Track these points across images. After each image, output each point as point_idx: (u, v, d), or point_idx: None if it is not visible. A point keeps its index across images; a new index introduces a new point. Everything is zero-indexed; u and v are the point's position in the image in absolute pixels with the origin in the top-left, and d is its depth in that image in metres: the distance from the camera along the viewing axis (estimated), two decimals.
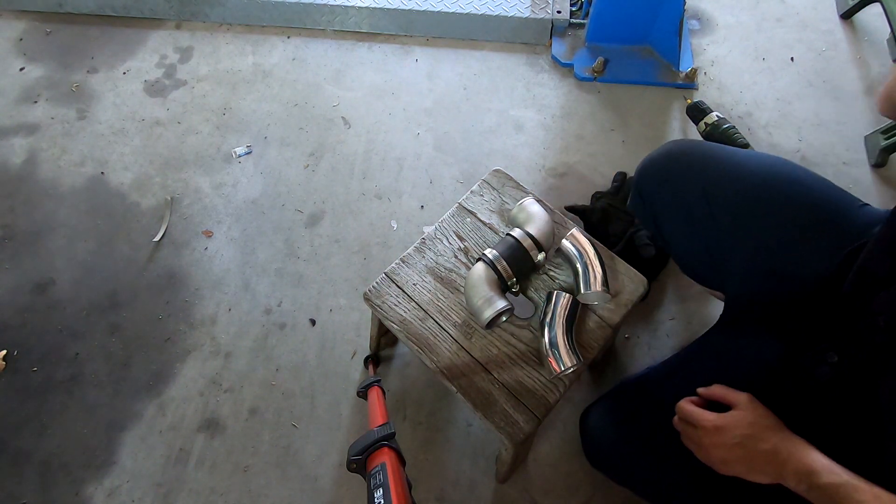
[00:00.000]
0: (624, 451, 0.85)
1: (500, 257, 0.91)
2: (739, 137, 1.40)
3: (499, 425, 0.86)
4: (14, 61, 1.65)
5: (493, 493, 1.09)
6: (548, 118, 1.57)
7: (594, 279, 0.90)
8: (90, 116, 1.56)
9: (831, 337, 0.73)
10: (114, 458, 1.13)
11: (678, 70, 1.61)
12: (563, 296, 0.90)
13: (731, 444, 0.69)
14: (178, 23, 1.74)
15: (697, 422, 0.72)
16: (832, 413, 0.71)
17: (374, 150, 1.51)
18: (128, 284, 1.31)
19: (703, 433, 0.71)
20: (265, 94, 1.60)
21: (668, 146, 0.94)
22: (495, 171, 1.08)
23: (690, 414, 0.74)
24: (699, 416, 0.72)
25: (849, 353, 0.70)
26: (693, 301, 1.29)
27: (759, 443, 0.67)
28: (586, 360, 0.90)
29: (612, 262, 0.99)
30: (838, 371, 0.71)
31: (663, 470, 0.81)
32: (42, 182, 1.45)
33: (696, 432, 0.72)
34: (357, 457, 0.72)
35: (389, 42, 1.71)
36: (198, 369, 1.22)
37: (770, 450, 0.66)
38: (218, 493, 1.09)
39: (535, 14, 1.66)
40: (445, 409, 1.17)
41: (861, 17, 1.74)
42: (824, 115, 1.56)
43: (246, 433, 1.15)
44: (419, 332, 0.93)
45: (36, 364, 1.22)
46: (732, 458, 0.69)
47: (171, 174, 1.47)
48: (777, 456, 0.66)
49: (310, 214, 1.41)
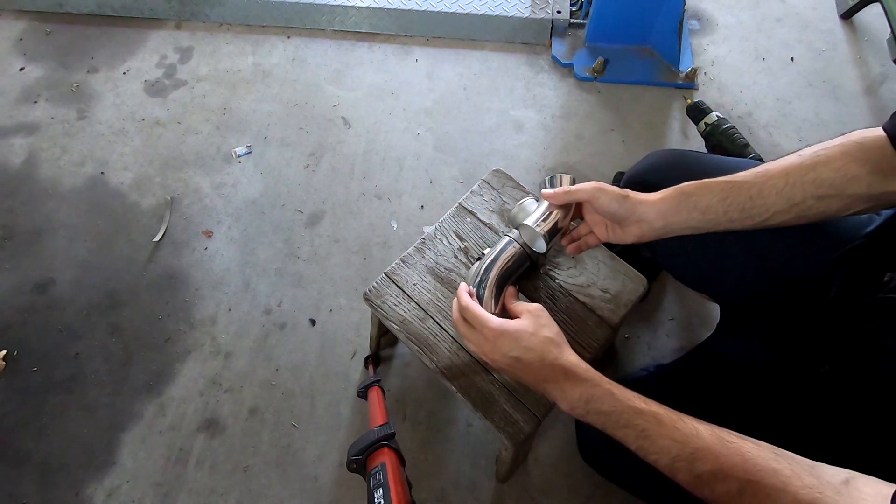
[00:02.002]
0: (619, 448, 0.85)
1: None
2: (739, 137, 1.40)
3: (499, 425, 0.86)
4: (14, 61, 1.65)
5: (493, 493, 1.09)
6: (548, 118, 1.57)
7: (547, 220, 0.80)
8: (90, 116, 1.56)
9: (824, 345, 0.74)
10: (114, 458, 1.13)
11: (678, 70, 1.61)
12: (512, 244, 0.82)
13: (508, 357, 0.67)
14: (178, 23, 1.74)
15: (479, 325, 0.70)
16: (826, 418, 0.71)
17: (374, 150, 1.51)
18: (128, 284, 1.31)
19: (482, 338, 0.69)
20: (265, 94, 1.60)
21: (651, 158, 0.93)
22: (495, 171, 1.08)
23: (475, 315, 0.70)
24: (482, 319, 0.69)
25: (840, 362, 0.70)
26: (693, 301, 1.29)
27: (532, 366, 0.66)
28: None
29: (612, 262, 0.99)
30: (830, 380, 0.71)
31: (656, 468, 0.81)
32: (42, 182, 1.45)
33: (475, 333, 0.70)
34: (357, 457, 0.72)
35: (389, 42, 1.71)
36: (198, 369, 1.22)
37: (542, 378, 0.66)
38: (218, 493, 1.09)
39: (535, 14, 1.66)
40: (445, 409, 1.17)
41: (861, 17, 1.74)
42: (824, 115, 1.56)
43: (246, 433, 1.15)
44: (419, 332, 0.93)
45: (36, 364, 1.22)
46: (506, 368, 0.69)
47: (171, 174, 1.47)
48: (553, 373, 0.65)
49: (310, 214, 1.41)
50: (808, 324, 0.77)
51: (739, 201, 0.68)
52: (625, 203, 0.72)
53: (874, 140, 0.63)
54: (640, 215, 0.72)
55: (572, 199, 0.77)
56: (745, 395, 0.74)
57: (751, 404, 0.75)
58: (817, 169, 0.65)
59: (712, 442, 0.55)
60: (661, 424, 0.58)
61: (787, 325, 0.80)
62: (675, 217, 0.70)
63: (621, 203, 0.72)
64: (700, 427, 0.57)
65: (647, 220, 0.71)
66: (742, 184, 0.68)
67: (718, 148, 1.36)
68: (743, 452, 0.54)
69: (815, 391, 0.73)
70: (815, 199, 0.65)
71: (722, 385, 0.76)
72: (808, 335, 0.76)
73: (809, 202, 0.66)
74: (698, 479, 0.55)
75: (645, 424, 0.59)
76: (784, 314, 0.81)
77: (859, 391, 0.68)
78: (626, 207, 0.72)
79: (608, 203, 0.73)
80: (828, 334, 0.74)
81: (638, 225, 0.73)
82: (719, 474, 0.53)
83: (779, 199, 0.66)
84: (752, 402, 0.73)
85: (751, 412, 0.72)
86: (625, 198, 0.72)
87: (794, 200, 0.66)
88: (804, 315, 0.78)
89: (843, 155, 0.64)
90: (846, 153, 0.64)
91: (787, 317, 0.80)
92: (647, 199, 0.72)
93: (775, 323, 0.82)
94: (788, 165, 0.67)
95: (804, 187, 0.65)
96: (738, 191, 0.67)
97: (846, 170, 0.63)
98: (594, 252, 0.99)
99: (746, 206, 0.68)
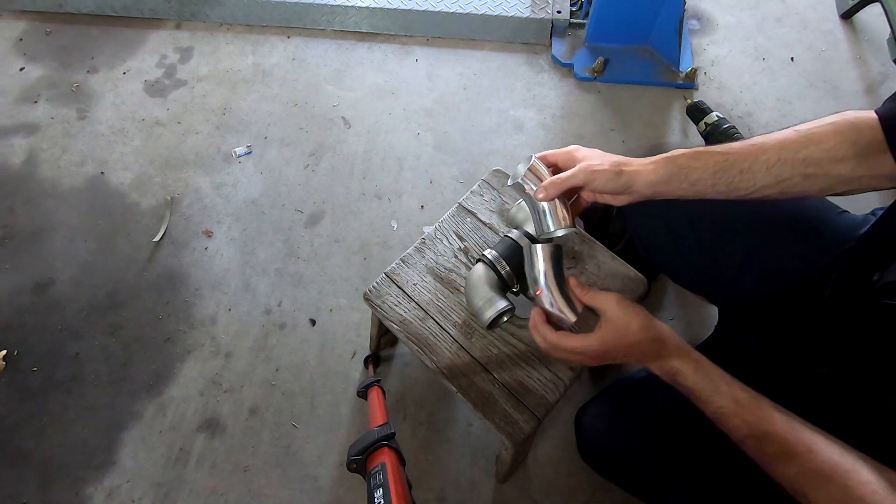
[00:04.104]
0: (617, 448, 0.85)
1: (500, 258, 0.90)
2: (740, 137, 1.40)
3: (499, 425, 0.86)
4: (14, 61, 1.65)
5: (493, 493, 1.09)
6: (548, 118, 1.57)
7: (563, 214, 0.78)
8: (90, 116, 1.56)
9: (821, 346, 0.74)
10: (114, 458, 1.13)
11: (678, 70, 1.61)
12: (539, 248, 0.77)
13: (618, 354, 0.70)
14: (178, 23, 1.74)
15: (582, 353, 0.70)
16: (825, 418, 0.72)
17: (374, 150, 1.51)
18: (128, 284, 1.31)
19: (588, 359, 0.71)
20: (265, 94, 1.60)
21: None
22: (495, 171, 1.08)
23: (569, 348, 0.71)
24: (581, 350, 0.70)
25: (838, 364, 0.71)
26: (693, 301, 1.29)
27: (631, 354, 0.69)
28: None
29: (612, 263, 0.99)
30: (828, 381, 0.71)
31: (657, 468, 0.81)
32: (42, 182, 1.45)
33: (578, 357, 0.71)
34: (357, 457, 0.72)
35: (389, 42, 1.71)
36: (198, 369, 1.22)
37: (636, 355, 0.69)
38: (218, 493, 1.09)
39: (535, 14, 1.66)
40: (445, 409, 1.17)
41: (861, 17, 1.74)
42: (824, 115, 1.56)
43: (246, 433, 1.15)
44: (419, 332, 0.93)
45: (36, 364, 1.22)
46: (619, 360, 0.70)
47: (171, 174, 1.47)
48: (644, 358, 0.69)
49: (310, 214, 1.41)
50: (804, 325, 0.77)
51: (729, 176, 0.68)
52: (620, 179, 0.71)
53: (866, 121, 0.65)
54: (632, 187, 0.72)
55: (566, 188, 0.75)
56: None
57: None
58: (809, 147, 0.66)
59: (783, 429, 0.59)
60: (738, 405, 0.62)
61: (785, 326, 0.80)
62: (665, 187, 0.70)
63: (617, 180, 0.71)
64: (775, 414, 0.60)
65: (638, 190, 0.71)
66: (735, 159, 0.68)
67: None
68: (810, 444, 0.57)
69: (813, 392, 0.73)
70: (801, 177, 0.66)
71: None
72: (806, 336, 0.77)
73: (796, 179, 0.66)
74: (764, 457, 0.60)
75: (722, 402, 0.62)
76: (781, 315, 0.81)
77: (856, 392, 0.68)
78: (622, 183, 0.71)
79: (604, 184, 0.71)
80: (824, 335, 0.74)
81: (629, 195, 0.73)
82: (783, 457, 0.58)
83: (767, 175, 0.67)
84: None
85: None
86: (618, 174, 0.71)
87: (781, 177, 0.66)
88: (801, 316, 0.78)
89: (836, 134, 0.66)
90: (838, 132, 0.66)
91: (784, 318, 0.80)
92: (640, 170, 0.71)
93: (773, 324, 0.82)
94: (784, 140, 0.67)
95: (794, 165, 0.66)
96: (730, 166, 0.68)
97: (835, 150, 0.65)
98: (594, 252, 0.99)
99: (735, 180, 0.68)
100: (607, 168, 0.71)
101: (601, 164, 0.71)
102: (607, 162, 0.71)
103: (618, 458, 0.85)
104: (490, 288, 0.88)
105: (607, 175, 0.71)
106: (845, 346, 0.70)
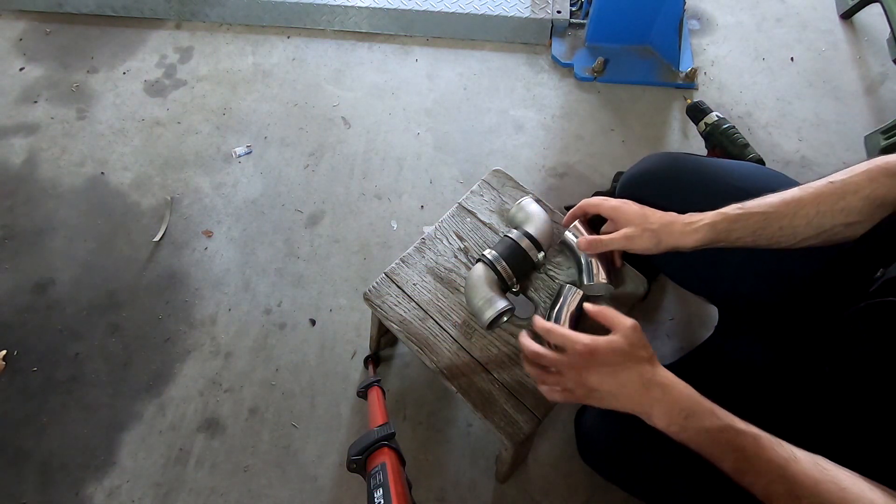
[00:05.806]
0: (617, 448, 0.85)
1: (499, 258, 0.91)
2: (739, 137, 1.39)
3: (499, 425, 0.86)
4: (14, 61, 1.65)
5: (493, 493, 1.09)
6: (548, 118, 1.57)
7: (598, 270, 0.90)
8: (90, 116, 1.56)
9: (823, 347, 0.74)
10: (114, 458, 1.13)
11: (678, 70, 1.61)
12: (573, 290, 0.90)
13: (603, 371, 0.64)
14: (178, 23, 1.74)
15: (568, 344, 0.66)
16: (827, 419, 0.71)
17: (374, 150, 1.51)
18: (128, 284, 1.31)
19: (574, 357, 0.66)
20: (265, 94, 1.60)
21: (646, 163, 0.93)
22: (495, 171, 1.08)
23: (561, 336, 0.67)
24: (571, 337, 0.66)
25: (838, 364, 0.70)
26: (693, 301, 1.29)
27: (631, 373, 0.63)
28: None
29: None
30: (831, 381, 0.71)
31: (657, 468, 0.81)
32: (42, 182, 1.45)
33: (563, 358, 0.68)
34: (357, 457, 0.72)
35: (389, 42, 1.71)
36: (198, 369, 1.22)
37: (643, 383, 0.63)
38: (218, 493, 1.09)
39: (535, 14, 1.66)
40: (445, 409, 1.17)
41: (861, 17, 1.74)
42: (824, 115, 1.56)
43: (246, 433, 1.15)
44: (419, 332, 0.93)
45: (36, 364, 1.22)
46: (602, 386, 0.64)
47: (171, 174, 1.47)
48: (649, 392, 0.63)
49: (310, 214, 1.41)
50: (805, 325, 0.77)
51: (769, 232, 0.70)
52: (658, 248, 0.75)
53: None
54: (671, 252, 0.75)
55: (606, 249, 0.82)
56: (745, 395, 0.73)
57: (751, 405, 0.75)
58: (846, 198, 0.67)
59: (810, 467, 0.55)
60: (760, 446, 0.57)
61: (786, 326, 0.80)
62: (705, 246, 0.74)
63: (657, 245, 0.75)
64: (797, 452, 0.57)
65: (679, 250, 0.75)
66: (774, 218, 0.69)
67: (718, 148, 1.35)
68: (839, 481, 0.54)
69: (815, 392, 0.73)
70: (843, 227, 0.67)
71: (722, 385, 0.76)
72: (807, 337, 0.77)
73: (837, 229, 0.67)
74: (797, 501, 0.55)
75: (745, 443, 0.58)
76: (781, 316, 0.81)
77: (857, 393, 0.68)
78: (662, 249, 0.75)
79: (643, 247, 0.76)
80: (826, 336, 0.74)
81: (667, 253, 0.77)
82: (816, 499, 0.54)
83: (808, 228, 0.68)
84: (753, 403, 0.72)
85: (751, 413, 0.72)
86: (657, 244, 0.75)
87: (822, 228, 0.68)
88: (801, 317, 0.78)
89: (870, 182, 0.66)
90: (872, 179, 0.66)
91: (785, 318, 0.80)
92: (681, 242, 0.74)
93: (773, 324, 0.82)
94: (820, 194, 0.68)
95: (833, 216, 0.67)
96: (770, 223, 0.69)
97: (874, 196, 0.65)
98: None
99: (776, 235, 0.70)
100: (645, 232, 0.76)
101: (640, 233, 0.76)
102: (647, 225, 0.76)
103: (618, 458, 0.85)
104: (490, 288, 0.88)
105: (646, 240, 0.76)
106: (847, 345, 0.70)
